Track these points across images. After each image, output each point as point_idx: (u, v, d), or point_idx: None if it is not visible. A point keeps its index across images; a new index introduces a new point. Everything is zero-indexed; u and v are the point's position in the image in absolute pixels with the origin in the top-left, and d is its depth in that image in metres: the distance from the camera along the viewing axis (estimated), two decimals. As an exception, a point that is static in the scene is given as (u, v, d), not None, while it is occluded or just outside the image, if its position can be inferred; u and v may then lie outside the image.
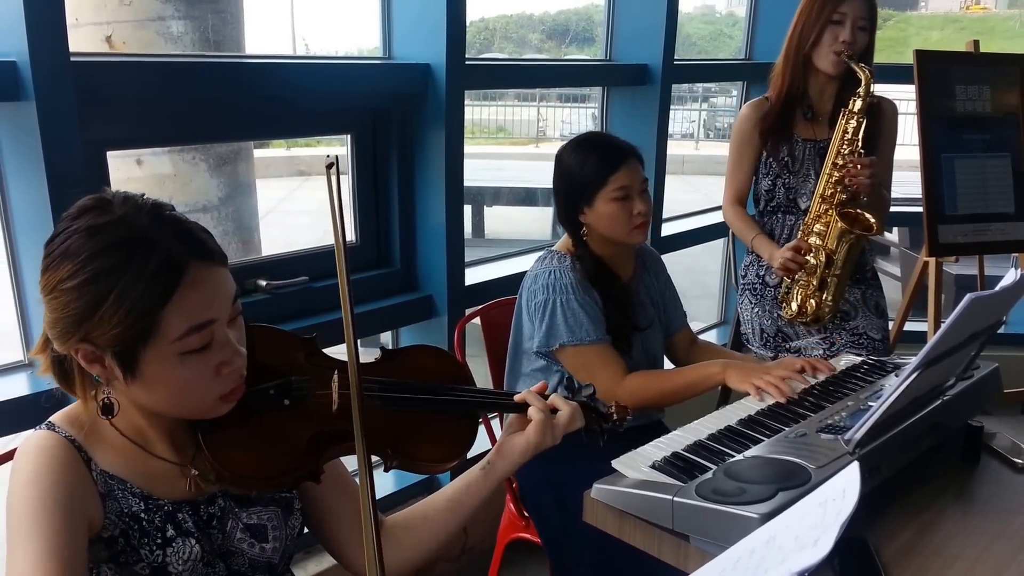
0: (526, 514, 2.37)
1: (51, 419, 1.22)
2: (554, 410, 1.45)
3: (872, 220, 2.62)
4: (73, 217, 1.15)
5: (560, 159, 2.24)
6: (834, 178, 2.64)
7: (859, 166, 2.59)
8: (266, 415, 1.27)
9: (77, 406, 1.24)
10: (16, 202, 1.98)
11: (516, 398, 1.45)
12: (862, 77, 2.62)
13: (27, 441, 1.19)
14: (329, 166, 1.15)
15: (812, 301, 2.67)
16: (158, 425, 1.25)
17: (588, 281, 2.18)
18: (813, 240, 2.65)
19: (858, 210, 2.66)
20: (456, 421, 1.41)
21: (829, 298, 2.66)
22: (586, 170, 2.17)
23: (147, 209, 1.15)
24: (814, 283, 2.66)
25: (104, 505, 1.18)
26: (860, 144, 2.62)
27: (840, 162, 2.63)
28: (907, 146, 2.93)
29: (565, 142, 2.29)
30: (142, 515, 1.21)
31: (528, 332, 2.20)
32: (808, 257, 2.64)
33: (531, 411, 1.42)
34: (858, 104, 2.62)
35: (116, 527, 1.19)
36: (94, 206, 1.15)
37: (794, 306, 2.71)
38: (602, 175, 2.15)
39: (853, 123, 2.63)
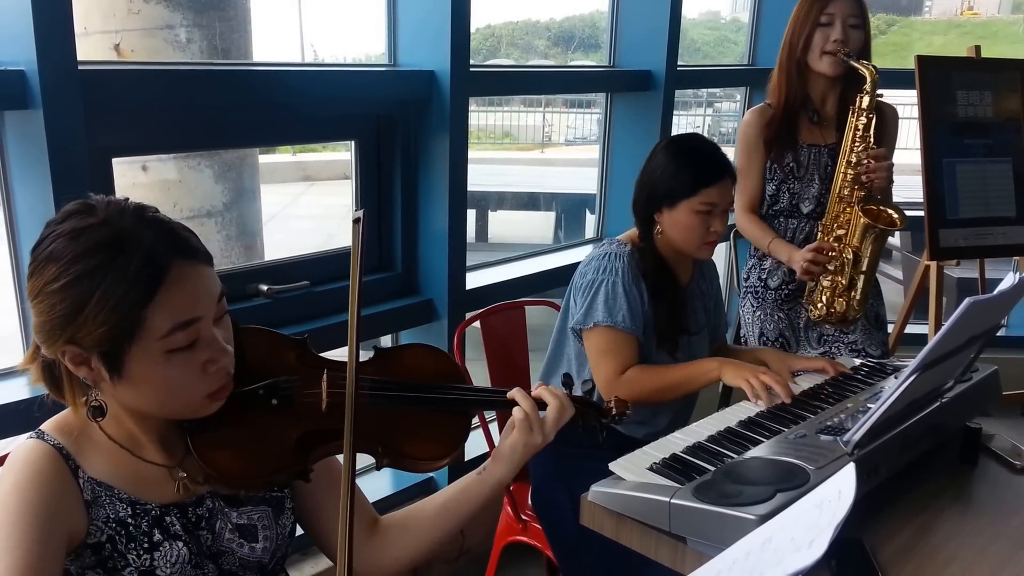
0: (524, 517, 2.38)
1: (42, 427, 1.23)
2: (543, 405, 1.43)
3: (895, 215, 2.61)
4: (58, 222, 1.17)
5: (657, 154, 2.21)
6: (849, 176, 2.64)
7: (874, 161, 2.59)
8: (255, 415, 1.28)
9: (68, 413, 1.25)
10: (21, 209, 1.99)
11: (508, 395, 1.43)
12: (867, 74, 2.60)
13: (16, 451, 1.20)
14: (356, 220, 1.17)
15: (841, 300, 2.66)
16: (148, 428, 1.26)
17: (640, 273, 2.17)
18: (833, 241, 2.65)
19: (880, 207, 2.64)
20: (447, 419, 1.40)
21: (858, 296, 2.66)
22: (682, 174, 2.14)
23: (129, 211, 1.17)
24: (843, 282, 2.65)
25: (89, 512, 1.19)
26: (872, 140, 2.62)
27: (854, 159, 2.63)
28: (909, 150, 2.94)
29: (670, 136, 2.25)
30: (129, 520, 1.22)
31: (572, 314, 2.20)
32: (831, 255, 2.63)
33: (515, 410, 1.41)
34: (866, 101, 2.61)
35: (103, 533, 1.20)
36: (77, 211, 1.17)
37: (821, 307, 2.70)
38: (696, 185, 2.12)
39: (863, 120, 2.62)
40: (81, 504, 1.19)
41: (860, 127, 2.62)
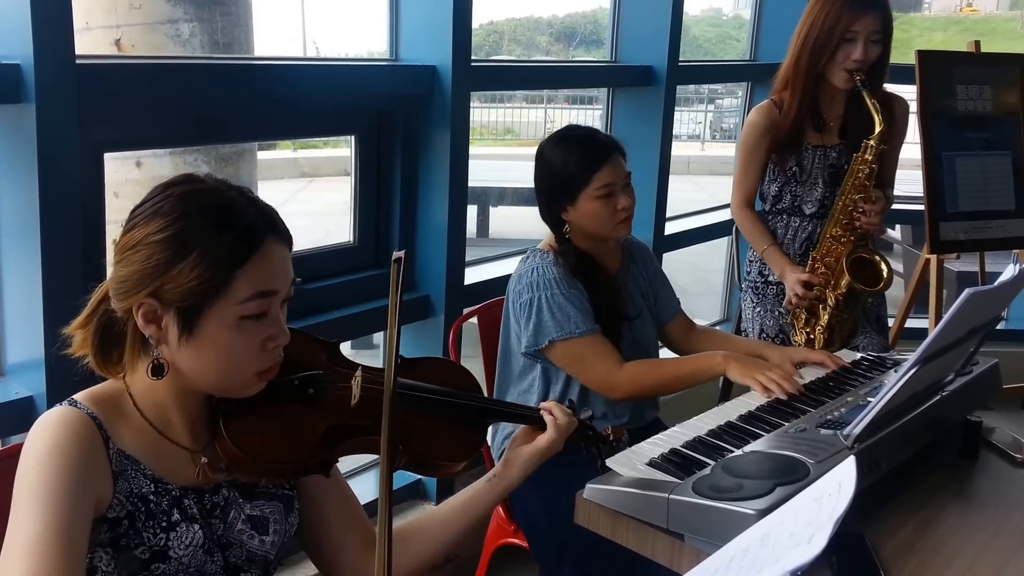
0: (515, 518, 2.36)
1: (74, 396, 1.25)
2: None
3: (884, 274, 2.65)
4: (168, 185, 1.25)
5: (541, 155, 2.20)
6: (843, 222, 2.66)
7: (870, 213, 2.61)
8: (287, 405, 1.34)
9: (102, 386, 1.29)
10: (4, 209, 1.95)
11: (543, 406, 1.57)
12: (876, 121, 2.58)
13: (48, 415, 1.21)
14: (396, 260, 1.21)
15: (822, 337, 2.71)
16: (183, 408, 1.30)
17: (572, 274, 2.15)
18: (821, 271, 2.69)
19: (873, 254, 2.68)
20: (466, 428, 1.49)
21: (837, 336, 2.73)
22: (569, 168, 2.13)
23: (235, 187, 1.28)
24: (823, 324, 2.71)
25: (115, 484, 1.22)
26: (871, 187, 2.63)
27: (851, 206, 2.64)
28: (909, 144, 2.93)
29: (546, 139, 2.25)
30: (151, 497, 1.24)
31: (516, 334, 2.18)
32: (816, 292, 2.67)
33: (548, 419, 1.53)
34: (870, 154, 2.60)
35: (123, 508, 1.22)
36: (188, 179, 1.27)
37: (802, 337, 2.75)
38: (586, 174, 2.11)
39: (866, 170, 2.61)
40: (109, 474, 1.22)
41: (862, 175, 2.62)
